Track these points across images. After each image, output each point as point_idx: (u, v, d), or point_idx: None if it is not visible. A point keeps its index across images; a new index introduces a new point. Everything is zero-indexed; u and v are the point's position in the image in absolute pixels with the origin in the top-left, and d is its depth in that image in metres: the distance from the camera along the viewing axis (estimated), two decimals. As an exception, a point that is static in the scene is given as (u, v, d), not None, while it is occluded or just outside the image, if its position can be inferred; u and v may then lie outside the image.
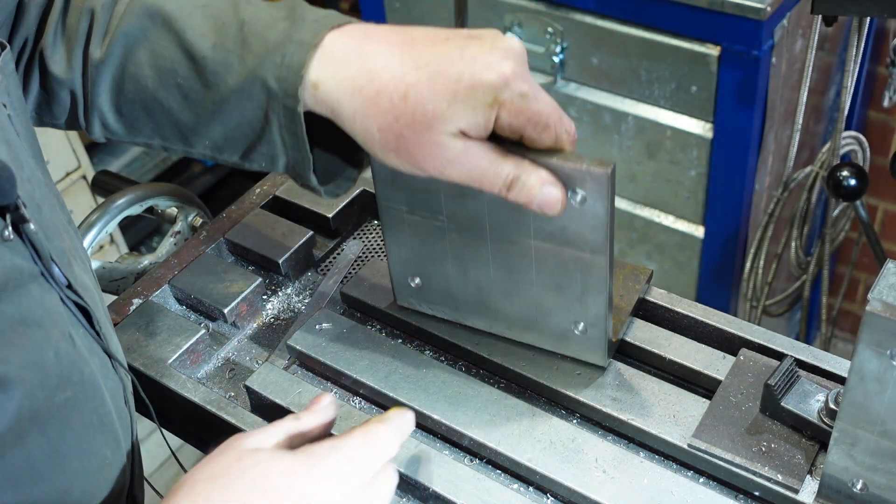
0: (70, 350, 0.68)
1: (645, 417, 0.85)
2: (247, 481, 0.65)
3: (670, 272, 2.09)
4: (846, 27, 1.96)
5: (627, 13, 1.79)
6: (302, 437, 0.73)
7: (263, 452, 0.68)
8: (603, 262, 0.81)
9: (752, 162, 1.84)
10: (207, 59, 0.79)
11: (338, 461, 0.68)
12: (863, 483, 0.75)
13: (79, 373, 0.68)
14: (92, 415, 0.71)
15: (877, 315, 0.65)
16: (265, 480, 0.65)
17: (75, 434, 0.68)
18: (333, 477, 0.67)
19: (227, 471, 0.66)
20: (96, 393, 0.71)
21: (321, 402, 0.75)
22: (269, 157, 0.81)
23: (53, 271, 0.68)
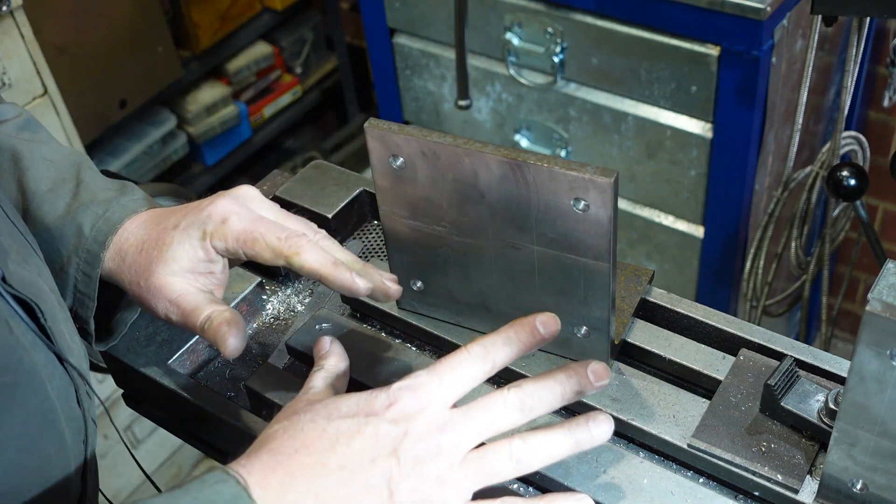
0: (7, 336, 0.68)
1: (645, 417, 0.85)
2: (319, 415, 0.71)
3: (670, 272, 2.09)
4: (846, 27, 1.96)
5: (627, 13, 1.79)
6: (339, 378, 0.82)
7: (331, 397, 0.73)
8: (606, 268, 0.81)
9: (752, 162, 1.84)
10: (37, 196, 0.91)
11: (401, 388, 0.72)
12: (863, 483, 0.75)
13: (17, 361, 0.69)
14: (35, 409, 0.70)
15: (876, 315, 0.65)
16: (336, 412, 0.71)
17: (16, 424, 0.68)
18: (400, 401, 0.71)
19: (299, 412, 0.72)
20: (39, 387, 0.71)
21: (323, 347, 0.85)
22: (61, 290, 0.90)
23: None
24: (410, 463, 0.68)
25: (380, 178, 0.85)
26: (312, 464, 0.67)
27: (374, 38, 2.25)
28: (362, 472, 0.67)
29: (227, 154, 3.02)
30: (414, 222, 0.87)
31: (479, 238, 0.85)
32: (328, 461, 0.67)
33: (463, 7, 1.86)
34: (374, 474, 0.67)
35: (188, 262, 0.85)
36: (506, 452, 0.72)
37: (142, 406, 1.02)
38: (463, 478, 0.70)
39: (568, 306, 0.86)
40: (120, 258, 0.88)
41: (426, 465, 0.69)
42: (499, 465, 0.72)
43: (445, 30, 2.06)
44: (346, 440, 0.68)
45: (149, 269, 0.86)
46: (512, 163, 0.77)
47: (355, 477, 0.67)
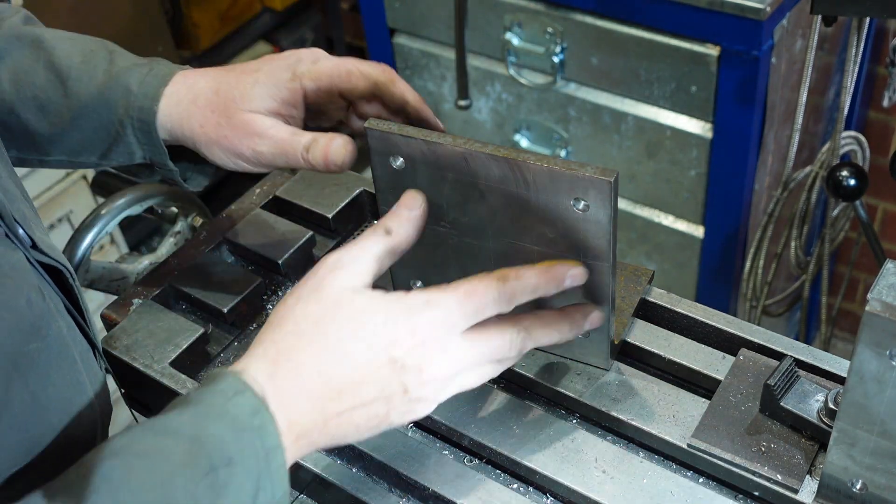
0: (41, 302, 0.69)
1: (645, 417, 0.85)
2: (345, 332, 0.69)
3: (670, 272, 2.09)
4: (846, 27, 1.96)
5: (627, 13, 1.79)
6: (393, 255, 0.75)
7: (361, 298, 0.71)
8: (605, 268, 0.81)
9: (752, 162, 1.84)
10: (73, 69, 0.90)
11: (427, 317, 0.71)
12: (862, 483, 0.75)
13: (48, 327, 0.70)
14: (67, 373, 0.72)
15: (876, 315, 0.65)
16: (362, 332, 0.69)
17: (56, 389, 0.70)
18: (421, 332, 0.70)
19: (327, 316, 0.69)
20: (66, 352, 0.72)
21: (413, 206, 0.76)
22: (127, 154, 0.91)
23: (17, 232, 0.71)
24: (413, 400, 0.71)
25: (380, 178, 0.85)
26: (330, 391, 0.68)
27: (374, 38, 2.25)
28: (371, 404, 0.70)
29: (227, 154, 3.02)
30: None
31: (478, 238, 0.85)
32: (344, 391, 0.68)
33: (463, 7, 1.86)
34: (379, 405, 0.70)
35: (273, 103, 0.85)
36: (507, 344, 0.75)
37: (142, 406, 1.02)
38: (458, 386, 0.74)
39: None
40: (186, 105, 0.87)
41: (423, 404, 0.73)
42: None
43: (445, 30, 2.06)
44: (363, 374, 0.69)
45: (231, 107, 0.85)
46: (512, 163, 0.77)
47: (364, 407, 0.69)
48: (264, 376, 0.67)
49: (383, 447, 0.86)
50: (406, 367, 0.70)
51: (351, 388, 0.69)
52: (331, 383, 0.68)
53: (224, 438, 0.63)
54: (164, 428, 0.63)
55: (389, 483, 0.86)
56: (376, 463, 0.85)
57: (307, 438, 0.68)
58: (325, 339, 0.69)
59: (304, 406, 0.67)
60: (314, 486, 0.88)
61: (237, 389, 0.65)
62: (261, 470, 0.64)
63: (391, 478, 0.85)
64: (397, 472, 0.84)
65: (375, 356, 0.69)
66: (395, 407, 0.71)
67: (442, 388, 0.73)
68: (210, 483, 0.61)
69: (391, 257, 0.75)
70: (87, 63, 0.90)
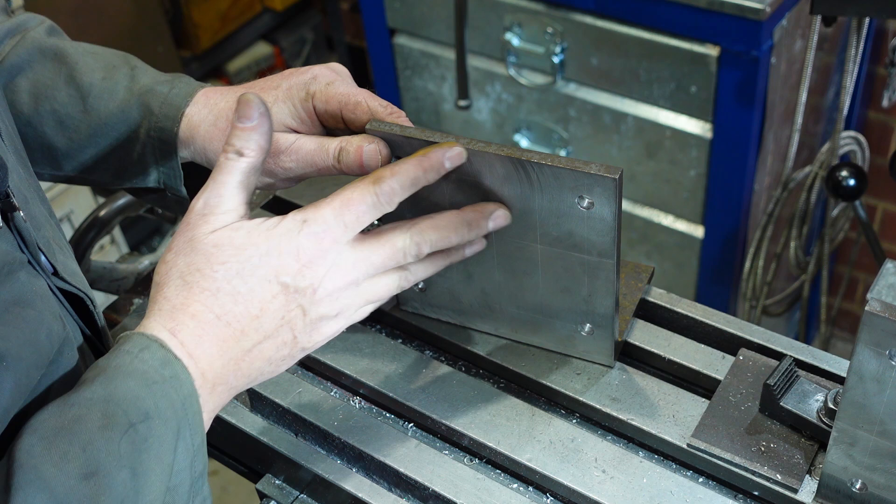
0: (60, 331, 0.69)
1: (644, 417, 0.85)
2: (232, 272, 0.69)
3: (670, 272, 2.09)
4: (846, 27, 1.96)
5: (627, 13, 1.79)
6: (255, 172, 0.72)
7: (239, 235, 0.70)
8: (610, 265, 0.81)
9: (752, 162, 1.84)
10: (95, 86, 0.90)
11: (307, 235, 0.70)
12: (862, 483, 0.75)
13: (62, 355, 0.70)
14: None
15: (876, 315, 0.65)
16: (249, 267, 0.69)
17: None
18: (305, 251, 0.70)
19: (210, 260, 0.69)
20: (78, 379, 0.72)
21: (251, 116, 0.71)
22: (142, 175, 0.91)
23: (40, 259, 0.71)
24: (315, 320, 0.72)
25: None
26: (233, 333, 0.69)
27: (374, 39, 2.25)
28: (275, 334, 0.70)
29: (227, 154, 3.02)
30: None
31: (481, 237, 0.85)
32: (247, 328, 0.69)
33: (463, 7, 1.86)
34: (284, 332, 0.71)
35: (292, 121, 0.85)
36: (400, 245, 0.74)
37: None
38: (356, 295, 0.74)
39: (572, 304, 0.86)
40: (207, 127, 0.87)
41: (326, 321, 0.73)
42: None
43: (445, 30, 2.06)
44: (260, 307, 0.69)
45: None
46: (516, 161, 0.77)
47: (270, 338, 0.70)
48: (165, 333, 0.67)
49: (383, 447, 0.86)
50: (298, 289, 0.70)
51: (252, 323, 0.69)
52: (232, 324, 0.68)
53: (137, 394, 0.63)
54: (75, 399, 0.63)
55: (389, 483, 0.86)
56: (376, 463, 0.85)
57: (224, 384, 0.69)
58: (213, 283, 0.68)
59: (211, 351, 0.68)
60: (314, 486, 0.88)
61: (142, 346, 0.65)
62: (179, 419, 0.65)
63: (391, 478, 0.85)
64: (397, 472, 0.84)
65: (267, 287, 0.69)
66: (299, 330, 0.71)
67: (339, 300, 0.72)
68: (130, 440, 0.62)
69: (254, 174, 0.73)
70: (109, 79, 0.90)
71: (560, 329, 0.89)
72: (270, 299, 0.69)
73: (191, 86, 0.90)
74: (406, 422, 0.91)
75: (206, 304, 0.68)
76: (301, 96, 0.85)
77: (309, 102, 0.85)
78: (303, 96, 0.85)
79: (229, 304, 0.68)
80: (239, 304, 0.68)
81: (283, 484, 0.91)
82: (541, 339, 0.91)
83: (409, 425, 0.91)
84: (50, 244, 0.75)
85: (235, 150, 0.71)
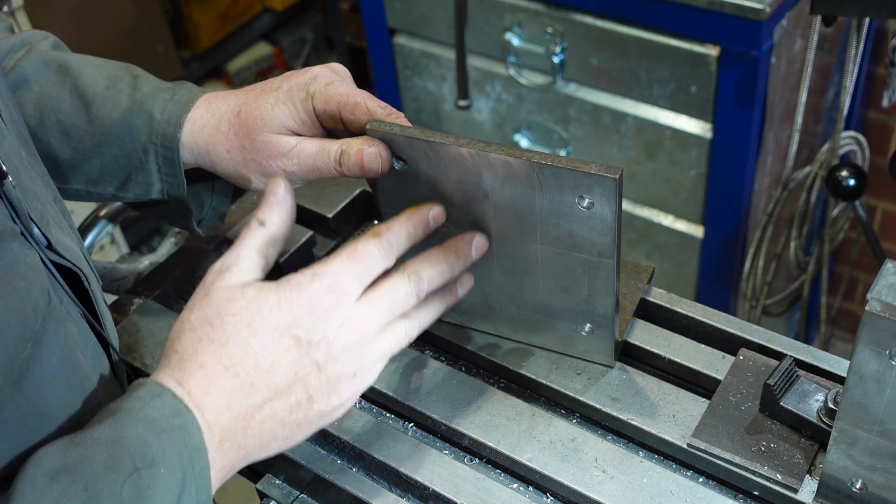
0: (45, 307, 0.68)
1: (644, 417, 0.85)
2: (242, 323, 0.68)
3: (670, 272, 2.09)
4: (846, 27, 1.96)
5: (627, 13, 1.79)
6: (274, 244, 0.74)
7: (251, 290, 0.70)
8: (611, 265, 0.81)
9: (752, 162, 1.84)
10: (98, 95, 0.90)
11: (319, 289, 0.70)
12: (862, 482, 0.75)
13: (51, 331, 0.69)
14: (74, 377, 0.71)
15: (876, 315, 0.65)
16: (260, 320, 0.68)
17: (59, 395, 0.69)
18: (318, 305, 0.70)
19: (221, 313, 0.68)
20: (73, 357, 0.71)
21: (276, 193, 0.74)
22: (145, 185, 0.91)
23: (33, 231, 0.70)
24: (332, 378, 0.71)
25: (382, 179, 0.85)
26: (242, 385, 0.67)
27: (374, 39, 2.25)
28: (288, 391, 0.69)
29: (227, 154, 3.02)
30: None
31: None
32: (256, 382, 0.68)
33: (463, 7, 1.86)
34: (297, 390, 0.69)
35: (293, 123, 0.85)
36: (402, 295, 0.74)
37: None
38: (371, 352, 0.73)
39: (572, 304, 0.86)
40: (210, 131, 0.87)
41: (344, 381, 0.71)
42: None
43: (445, 30, 2.06)
44: (271, 360, 0.68)
45: (254, 128, 0.85)
46: (516, 162, 0.77)
47: (282, 396, 0.69)
48: (174, 382, 0.67)
49: (383, 447, 0.86)
50: (312, 343, 0.69)
51: (263, 377, 0.68)
52: (241, 376, 0.67)
53: (145, 440, 0.63)
54: (83, 438, 0.63)
55: (389, 483, 0.86)
56: (376, 463, 0.85)
57: (232, 441, 0.68)
58: (223, 334, 0.68)
59: (219, 403, 0.67)
60: (314, 486, 0.88)
61: (155, 393, 0.65)
62: (185, 471, 0.64)
63: (391, 478, 0.85)
64: (397, 471, 0.84)
65: (279, 340, 0.68)
66: (315, 389, 0.70)
67: (356, 359, 0.71)
68: (134, 484, 0.61)
69: (273, 247, 0.74)
70: (112, 89, 0.91)
71: (560, 329, 0.89)
72: (282, 353, 0.68)
73: (192, 91, 0.90)
74: (406, 422, 0.91)
75: (215, 354, 0.67)
76: (301, 97, 0.85)
77: (309, 103, 0.85)
78: (303, 97, 0.85)
79: (239, 355, 0.67)
80: (249, 357, 0.68)
81: (283, 484, 0.91)
82: (541, 339, 0.91)
83: (410, 425, 0.91)
84: (45, 217, 0.74)
85: (259, 220, 0.73)
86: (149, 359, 0.95)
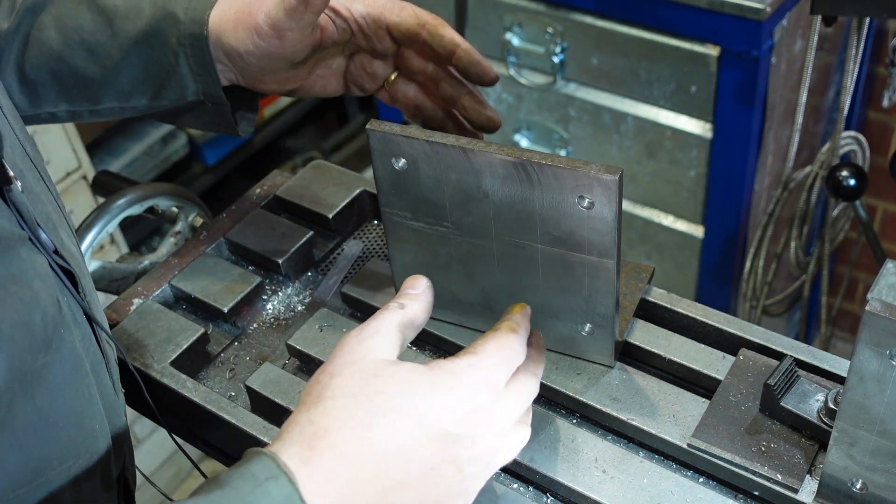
0: (56, 315, 0.67)
1: (645, 417, 0.85)
2: (389, 405, 0.65)
3: (670, 272, 2.09)
4: (846, 27, 1.96)
5: (627, 13, 1.79)
6: (412, 328, 0.73)
7: (401, 369, 0.67)
8: (611, 266, 0.81)
9: (752, 162, 1.84)
10: (119, 7, 0.88)
11: (474, 381, 0.68)
12: (862, 483, 0.75)
13: (61, 339, 0.68)
14: (80, 385, 0.70)
15: (876, 315, 0.65)
16: (409, 404, 0.65)
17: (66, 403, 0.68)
18: (472, 399, 0.68)
19: (367, 388, 0.65)
20: (80, 364, 0.70)
21: (418, 287, 0.75)
22: (180, 89, 0.89)
23: (41, 236, 0.69)
24: (464, 480, 0.68)
25: (382, 179, 0.85)
26: (375, 474, 0.64)
27: (374, 39, 2.25)
28: (419, 485, 0.65)
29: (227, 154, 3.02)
30: (416, 223, 0.87)
31: (482, 237, 0.85)
32: (392, 472, 0.64)
33: (463, 7, 1.86)
34: (428, 487, 0.66)
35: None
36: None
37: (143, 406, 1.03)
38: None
39: (572, 304, 0.86)
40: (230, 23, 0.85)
41: (475, 483, 0.69)
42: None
43: (445, 30, 2.06)
44: (412, 450, 0.65)
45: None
46: (516, 161, 0.77)
47: (410, 490, 0.65)
48: (298, 461, 0.62)
49: (383, 447, 0.85)
50: (459, 437, 0.66)
51: (399, 467, 0.64)
52: (377, 464, 0.63)
53: None
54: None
55: (389, 483, 0.86)
56: (376, 463, 0.85)
57: None
58: (365, 413, 0.64)
59: (342, 490, 0.63)
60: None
61: (270, 474, 0.61)
62: None
63: (391, 478, 0.85)
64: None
65: (425, 430, 0.65)
66: (446, 488, 0.66)
67: (491, 462, 0.69)
68: None
69: (412, 330, 0.73)
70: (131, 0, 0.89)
71: (560, 329, 0.89)
72: (424, 444, 0.65)
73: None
74: (406, 422, 0.91)
75: (351, 433, 0.63)
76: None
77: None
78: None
79: (378, 440, 0.64)
80: (388, 443, 0.64)
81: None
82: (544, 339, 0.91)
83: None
84: (50, 220, 0.73)
85: (398, 303, 0.73)
86: (149, 359, 0.95)
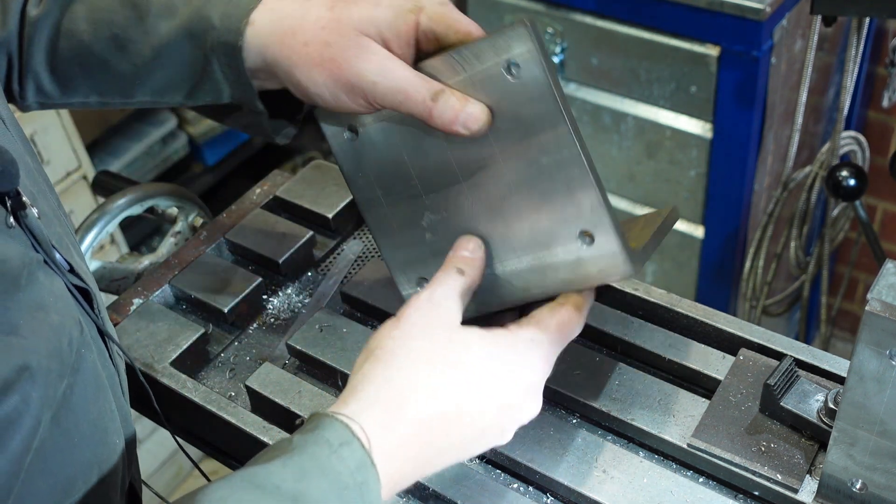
0: (79, 337, 0.67)
1: (645, 417, 0.85)
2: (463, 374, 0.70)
3: (670, 272, 2.09)
4: (846, 27, 1.96)
5: (627, 13, 1.79)
6: (469, 293, 0.77)
7: (471, 339, 0.72)
8: (565, 132, 0.73)
9: (752, 162, 1.85)
10: (153, 4, 0.84)
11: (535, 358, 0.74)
12: (862, 483, 0.75)
13: (83, 360, 0.68)
14: (101, 403, 0.70)
15: (876, 315, 0.65)
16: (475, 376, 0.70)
17: (89, 423, 0.68)
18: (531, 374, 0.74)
19: (443, 356, 0.70)
20: (100, 382, 0.70)
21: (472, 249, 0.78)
22: (215, 92, 0.85)
23: (55, 257, 0.68)
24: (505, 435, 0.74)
25: (339, 153, 0.84)
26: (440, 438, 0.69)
27: (374, 39, 2.25)
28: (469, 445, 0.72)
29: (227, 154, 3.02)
30: (389, 197, 0.85)
31: (448, 179, 0.81)
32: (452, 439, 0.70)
33: (463, 7, 1.86)
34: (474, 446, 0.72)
35: (390, 34, 0.76)
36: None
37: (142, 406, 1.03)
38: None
39: (560, 214, 0.78)
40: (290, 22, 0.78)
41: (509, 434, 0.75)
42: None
43: (445, 30, 2.06)
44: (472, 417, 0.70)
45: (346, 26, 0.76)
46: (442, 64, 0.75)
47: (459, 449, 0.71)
48: (376, 426, 0.66)
49: (383, 447, 0.86)
50: (513, 407, 0.72)
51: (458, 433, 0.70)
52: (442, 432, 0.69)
53: (327, 497, 0.61)
54: (264, 481, 0.61)
55: (389, 483, 0.86)
56: (376, 463, 0.85)
57: (399, 486, 0.68)
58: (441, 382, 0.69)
59: (407, 466, 0.68)
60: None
61: (344, 440, 0.64)
62: None
63: (391, 478, 0.85)
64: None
65: (491, 401, 0.71)
66: (485, 444, 0.73)
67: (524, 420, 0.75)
68: None
69: (468, 296, 0.76)
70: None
71: (563, 255, 0.80)
72: (483, 412, 0.71)
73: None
74: (406, 422, 0.91)
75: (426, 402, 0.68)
76: (408, 6, 0.76)
77: (414, 16, 0.76)
78: (409, 7, 0.76)
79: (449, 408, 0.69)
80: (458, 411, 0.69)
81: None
82: (553, 282, 0.82)
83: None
84: (62, 239, 0.72)
85: (456, 269, 0.76)
86: (148, 359, 0.95)
